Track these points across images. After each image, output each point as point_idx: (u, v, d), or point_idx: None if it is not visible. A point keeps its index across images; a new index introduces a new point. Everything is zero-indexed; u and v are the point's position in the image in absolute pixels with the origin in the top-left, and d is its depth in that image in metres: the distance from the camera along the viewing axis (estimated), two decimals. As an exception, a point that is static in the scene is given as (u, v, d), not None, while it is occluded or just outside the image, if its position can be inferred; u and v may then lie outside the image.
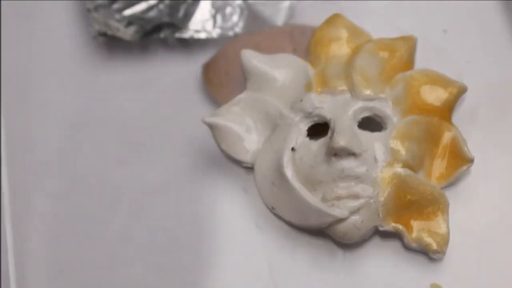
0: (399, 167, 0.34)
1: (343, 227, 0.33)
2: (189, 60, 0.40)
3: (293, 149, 0.35)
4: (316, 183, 0.34)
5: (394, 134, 0.34)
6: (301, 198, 0.34)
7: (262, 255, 0.35)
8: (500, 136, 0.36)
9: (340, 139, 0.33)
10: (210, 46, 0.40)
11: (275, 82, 0.36)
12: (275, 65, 0.36)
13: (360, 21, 0.38)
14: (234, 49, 0.39)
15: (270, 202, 0.35)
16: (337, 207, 0.33)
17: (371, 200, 0.33)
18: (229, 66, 0.39)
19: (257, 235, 0.35)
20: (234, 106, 0.36)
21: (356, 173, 0.33)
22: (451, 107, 0.35)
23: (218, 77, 0.39)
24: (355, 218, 0.33)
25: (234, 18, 0.40)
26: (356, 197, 0.33)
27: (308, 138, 0.35)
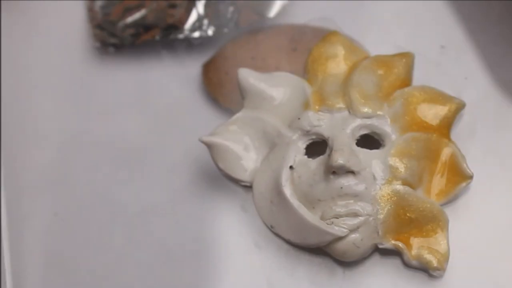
0: (398, 185, 0.34)
1: (343, 245, 0.33)
2: (188, 61, 0.40)
3: (291, 167, 0.34)
4: (314, 201, 0.34)
5: (393, 151, 0.34)
6: (300, 217, 0.34)
7: (261, 274, 0.35)
8: (499, 152, 0.36)
9: (338, 157, 0.33)
10: (208, 48, 0.40)
11: (273, 101, 0.36)
12: (273, 83, 0.36)
13: (357, 37, 0.38)
14: (234, 49, 0.39)
15: (269, 220, 0.35)
16: (336, 225, 0.33)
17: (370, 218, 0.33)
18: (228, 66, 0.39)
19: (256, 254, 0.35)
20: (232, 125, 0.36)
21: (355, 191, 0.33)
22: (450, 124, 0.35)
23: (218, 77, 0.39)
24: (355, 236, 0.33)
25: (228, 16, 0.40)
26: (355, 215, 0.33)
27: (306, 157, 0.35)
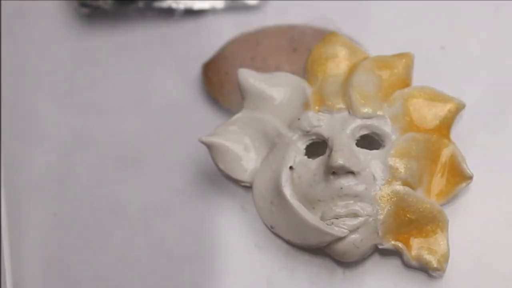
0: (398, 185, 0.34)
1: (343, 246, 0.33)
2: (188, 61, 0.40)
3: (291, 167, 0.34)
4: (314, 202, 0.34)
5: (393, 151, 0.34)
6: (299, 217, 0.34)
7: (261, 274, 0.35)
8: (498, 152, 0.36)
9: (338, 158, 0.33)
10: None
11: (273, 101, 0.36)
12: (272, 83, 0.36)
13: (357, 38, 0.38)
14: (234, 49, 0.39)
15: (268, 221, 0.35)
16: (336, 226, 0.33)
17: (370, 218, 0.33)
18: (228, 65, 0.39)
19: (256, 254, 0.35)
20: (232, 125, 0.36)
21: (354, 191, 0.33)
22: (450, 124, 0.35)
23: (218, 77, 0.39)
24: (355, 237, 0.33)
25: None
26: (355, 215, 0.33)
27: (306, 157, 0.35)
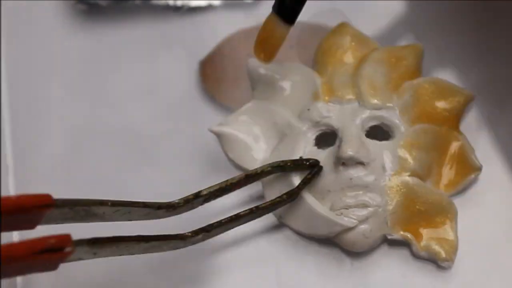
0: (407, 176, 0.34)
1: (352, 236, 0.33)
2: (186, 58, 0.40)
3: (301, 158, 0.35)
4: (324, 192, 0.34)
5: (402, 142, 0.34)
6: (309, 207, 0.34)
7: (270, 264, 0.35)
8: (507, 144, 0.36)
9: (348, 149, 0.33)
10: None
11: (283, 91, 0.36)
12: (282, 74, 0.36)
13: (366, 29, 0.38)
14: (231, 46, 0.39)
15: (278, 211, 0.35)
16: (345, 216, 0.33)
17: (380, 209, 0.33)
18: (225, 62, 0.39)
19: (265, 244, 0.35)
20: (242, 115, 0.36)
21: (364, 182, 0.33)
22: (459, 115, 0.35)
23: (215, 73, 0.39)
24: (364, 227, 0.33)
25: None
26: (364, 206, 0.33)
27: (316, 147, 0.35)
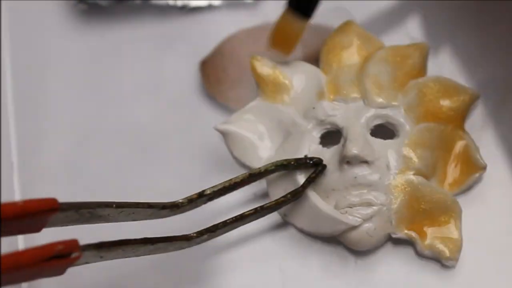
0: (412, 175, 0.34)
1: (356, 235, 0.33)
2: (186, 58, 0.40)
3: (305, 156, 0.35)
4: (329, 191, 0.34)
5: (407, 141, 0.34)
6: (313, 206, 0.34)
7: (274, 262, 0.35)
8: (512, 143, 0.36)
9: (352, 147, 0.33)
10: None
11: (288, 90, 0.36)
12: (288, 72, 0.36)
13: (371, 28, 0.38)
14: (231, 46, 0.39)
15: (282, 209, 0.35)
16: (350, 215, 0.33)
17: (384, 207, 0.33)
18: (226, 62, 0.39)
19: (269, 242, 0.35)
20: (247, 114, 0.36)
21: (368, 180, 0.33)
22: (464, 114, 0.35)
23: (215, 74, 0.39)
24: (368, 226, 0.33)
25: None
26: (369, 204, 0.33)
27: (321, 146, 0.35)
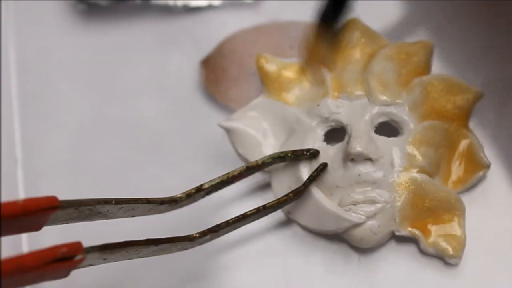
0: (416, 172, 0.34)
1: (360, 232, 0.33)
2: (186, 58, 0.40)
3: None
4: (332, 188, 0.34)
5: (411, 139, 0.34)
6: (317, 203, 0.34)
7: (277, 260, 0.35)
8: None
9: (357, 145, 0.33)
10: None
11: (292, 87, 0.36)
12: (292, 69, 0.36)
13: (376, 25, 0.38)
14: (231, 46, 0.39)
15: (286, 206, 0.35)
16: (353, 212, 0.33)
17: (388, 205, 0.33)
18: (226, 62, 0.39)
19: (272, 240, 0.35)
20: (251, 111, 0.36)
21: (372, 178, 0.33)
22: (468, 113, 0.35)
23: (215, 73, 0.39)
24: (372, 223, 0.33)
25: None
26: (372, 202, 0.33)
27: (325, 143, 0.35)
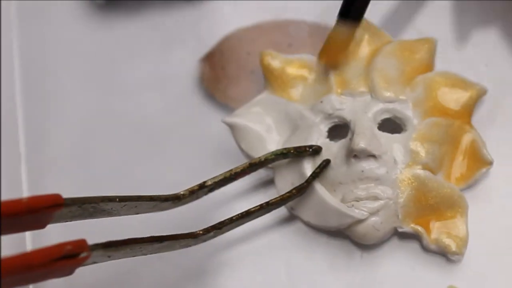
0: (419, 169, 0.34)
1: (363, 228, 0.33)
2: (185, 56, 0.40)
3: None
4: (335, 184, 0.34)
5: (414, 136, 0.34)
6: (321, 199, 0.34)
7: (279, 256, 0.35)
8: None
9: (360, 141, 0.33)
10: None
11: (296, 83, 0.36)
12: (296, 65, 0.36)
13: (380, 22, 0.38)
14: (230, 44, 0.39)
15: (289, 203, 0.35)
16: (356, 208, 0.33)
17: (391, 201, 0.33)
18: (224, 61, 0.39)
19: (275, 236, 0.35)
20: (254, 106, 0.36)
21: (375, 174, 0.34)
22: (471, 110, 0.35)
23: (214, 72, 0.39)
24: (375, 219, 0.33)
25: None
26: (375, 198, 0.33)
27: (328, 140, 0.35)
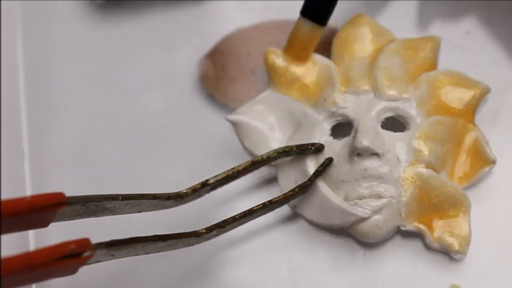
0: (422, 168, 0.34)
1: (365, 227, 0.33)
2: (185, 56, 0.40)
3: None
4: (338, 183, 0.34)
5: (417, 134, 0.34)
6: (323, 197, 0.34)
7: (282, 254, 0.35)
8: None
9: (363, 139, 0.33)
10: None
11: (299, 81, 0.36)
12: (300, 64, 0.36)
13: (383, 21, 0.38)
14: (230, 44, 0.39)
15: (292, 201, 0.35)
16: (359, 207, 0.33)
17: (394, 200, 0.33)
18: (224, 60, 0.39)
19: (278, 234, 0.35)
20: (258, 104, 0.36)
21: (379, 173, 0.34)
22: (474, 108, 0.35)
23: (214, 71, 0.39)
24: (378, 218, 0.33)
25: None
26: (378, 196, 0.33)
27: (331, 138, 0.35)
